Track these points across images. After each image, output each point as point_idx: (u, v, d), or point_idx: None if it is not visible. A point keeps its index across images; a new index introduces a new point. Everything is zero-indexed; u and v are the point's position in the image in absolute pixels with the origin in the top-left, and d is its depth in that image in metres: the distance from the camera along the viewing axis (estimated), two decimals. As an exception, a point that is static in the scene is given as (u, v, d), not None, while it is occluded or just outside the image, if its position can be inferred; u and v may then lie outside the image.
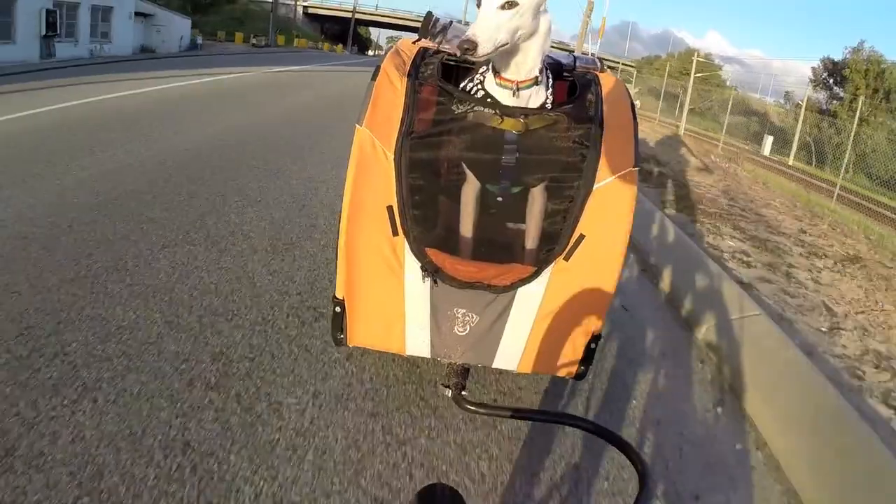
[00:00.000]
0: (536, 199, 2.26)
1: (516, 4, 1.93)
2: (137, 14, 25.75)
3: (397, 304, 2.24)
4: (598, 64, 2.58)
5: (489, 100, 2.18)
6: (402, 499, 2.05)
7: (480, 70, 2.28)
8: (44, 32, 18.75)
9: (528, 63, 2.11)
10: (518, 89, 2.13)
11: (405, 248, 2.16)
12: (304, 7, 53.47)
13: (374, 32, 59.61)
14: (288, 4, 53.03)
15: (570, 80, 2.51)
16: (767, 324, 3.90)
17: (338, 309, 2.30)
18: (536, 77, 2.15)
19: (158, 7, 27.79)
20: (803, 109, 26.12)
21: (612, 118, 2.22)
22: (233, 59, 25.15)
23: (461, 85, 2.32)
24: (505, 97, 2.16)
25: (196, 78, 15.29)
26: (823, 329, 4.40)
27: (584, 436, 2.36)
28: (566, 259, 2.16)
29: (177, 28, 28.56)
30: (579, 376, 2.35)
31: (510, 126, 2.14)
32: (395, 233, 2.15)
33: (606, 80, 2.41)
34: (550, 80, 2.26)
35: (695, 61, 32.52)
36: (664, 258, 5.18)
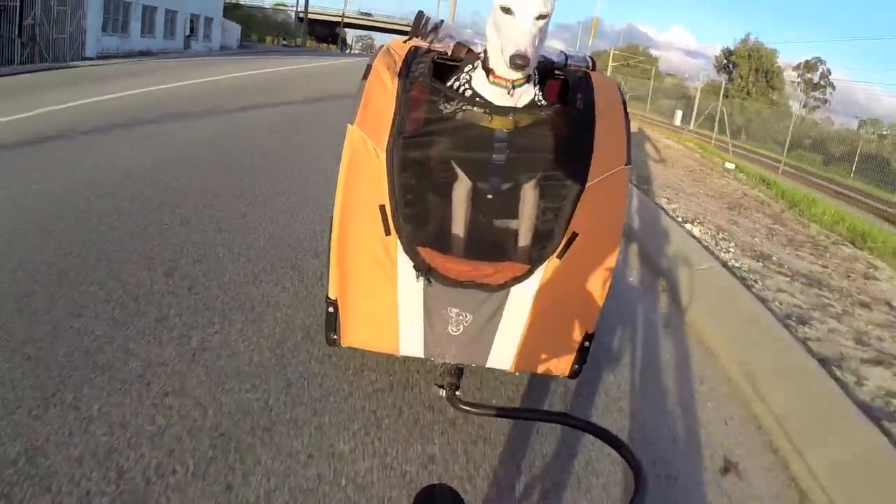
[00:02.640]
0: (529, 197, 1.77)
1: (549, 15, 1.53)
2: (216, 22, 30.74)
3: (390, 304, 1.76)
4: (590, 62, 2.05)
5: (478, 98, 1.69)
6: (402, 499, 1.60)
7: (465, 69, 1.77)
8: (187, 33, 24.10)
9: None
10: (514, 87, 1.65)
11: (398, 248, 1.69)
12: (297, 12, 50.97)
13: (350, 34, 56.96)
14: (285, 10, 50.55)
15: (562, 78, 1.98)
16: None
17: (331, 309, 1.82)
18: (529, 74, 1.67)
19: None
20: (698, 89, 26.06)
21: (604, 116, 1.75)
22: (283, 54, 27.85)
23: (447, 84, 1.79)
24: (496, 95, 1.67)
25: (290, 65, 18.21)
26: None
27: (579, 435, 1.90)
28: (559, 257, 1.69)
29: (233, 32, 31.47)
30: (573, 375, 1.88)
31: (500, 124, 1.66)
32: (387, 232, 1.68)
33: (598, 79, 1.90)
34: (537, 77, 1.77)
35: (611, 53, 32.18)
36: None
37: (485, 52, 1.72)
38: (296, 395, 1.92)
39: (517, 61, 1.47)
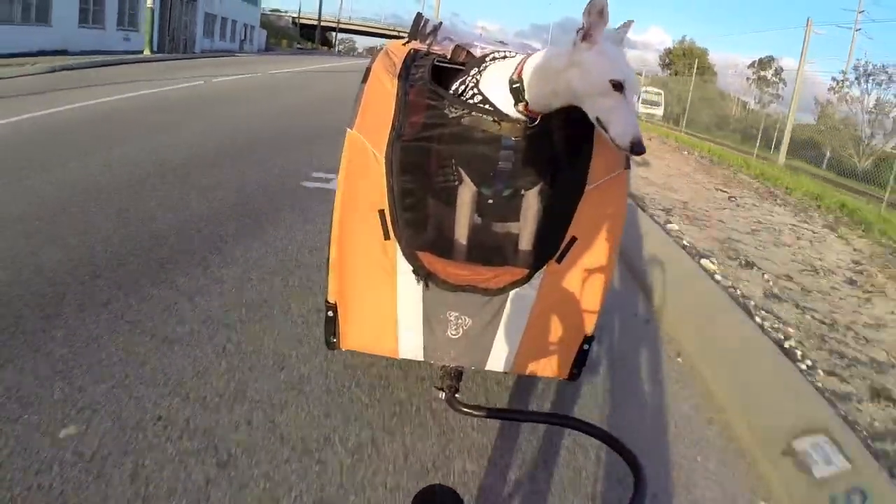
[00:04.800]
0: (531, 203, 1.49)
1: None
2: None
3: (390, 307, 1.49)
4: None
5: (487, 106, 1.37)
6: (402, 499, 1.36)
7: (472, 72, 1.44)
8: (242, 38, 27.25)
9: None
10: (538, 119, 1.36)
11: (397, 252, 1.43)
12: (293, 18, 48.84)
13: (334, 37, 54.94)
14: (284, 17, 48.39)
15: None
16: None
17: (330, 313, 1.53)
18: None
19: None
20: (641, 83, 25.65)
21: None
22: (308, 55, 29.93)
23: (453, 87, 1.47)
24: (506, 103, 1.35)
25: (329, 63, 20.79)
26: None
27: (579, 436, 1.65)
28: (558, 261, 1.43)
29: (262, 37, 32.68)
30: (572, 378, 1.62)
31: (508, 131, 1.37)
32: (387, 236, 1.42)
33: None
34: None
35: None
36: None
37: (520, 78, 1.32)
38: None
39: (639, 149, 1.14)
